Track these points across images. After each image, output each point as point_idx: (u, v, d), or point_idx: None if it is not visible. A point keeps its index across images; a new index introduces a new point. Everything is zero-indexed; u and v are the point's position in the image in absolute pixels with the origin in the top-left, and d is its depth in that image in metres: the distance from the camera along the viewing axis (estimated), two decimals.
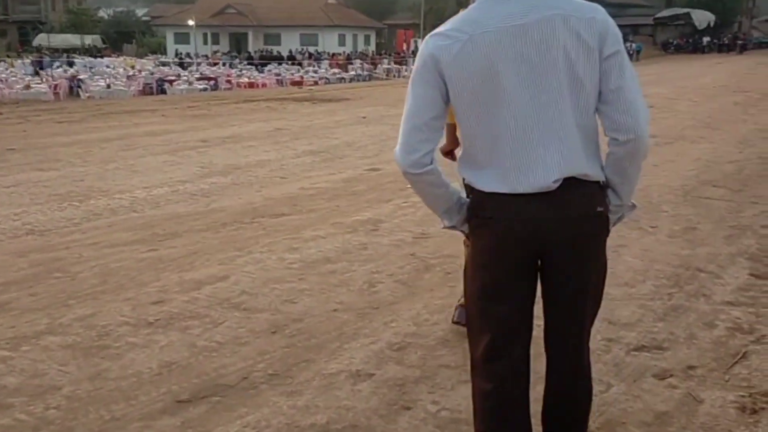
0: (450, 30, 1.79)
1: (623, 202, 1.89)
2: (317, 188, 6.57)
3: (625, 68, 1.78)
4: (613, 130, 1.78)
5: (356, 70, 35.86)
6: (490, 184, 1.79)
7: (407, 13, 67.06)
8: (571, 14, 1.74)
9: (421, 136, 1.80)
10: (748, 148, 8.48)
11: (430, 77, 1.78)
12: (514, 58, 1.73)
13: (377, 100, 17.00)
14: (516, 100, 1.75)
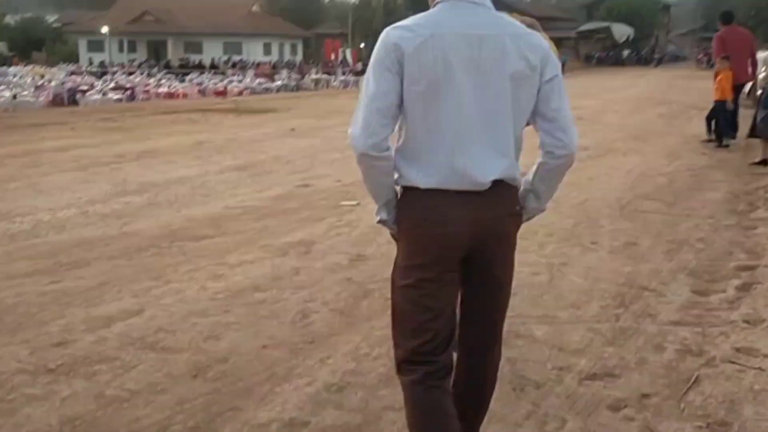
0: (413, 25, 1.91)
1: (541, 206, 2.11)
2: (244, 207, 6.26)
3: (562, 91, 1.99)
4: (551, 146, 1.98)
5: (283, 80, 35.38)
6: (426, 180, 1.89)
7: (335, 22, 66.96)
8: (521, 37, 1.94)
9: (383, 120, 1.87)
10: (676, 160, 8.64)
11: (393, 65, 1.87)
12: (469, 64, 1.88)
13: (306, 111, 16.73)
14: (464, 102, 1.88)
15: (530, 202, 2.08)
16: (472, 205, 1.90)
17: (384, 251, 4.79)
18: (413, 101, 1.89)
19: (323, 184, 7.33)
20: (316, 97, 23.64)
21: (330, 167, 8.38)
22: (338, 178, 7.62)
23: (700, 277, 4.37)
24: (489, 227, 1.94)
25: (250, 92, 29.05)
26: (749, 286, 4.20)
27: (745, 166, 8.38)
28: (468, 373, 2.12)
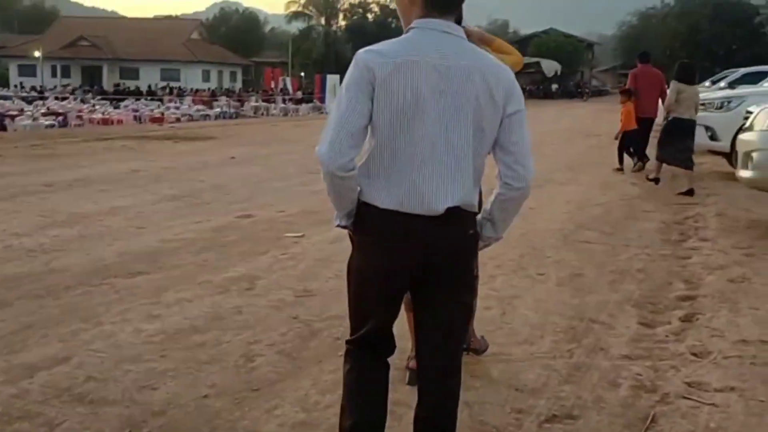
0: (385, 50, 1.93)
1: (497, 235, 2.13)
2: (181, 240, 5.91)
3: (523, 125, 2.00)
4: (510, 177, 1.99)
5: (222, 107, 34.76)
6: (385, 200, 1.93)
7: (275, 51, 66.75)
8: (487, 69, 1.95)
9: (352, 141, 1.89)
10: (610, 191, 8.72)
11: (365, 87, 1.89)
12: (436, 92, 1.91)
13: (246, 139, 16.36)
14: (429, 129, 1.91)
15: (487, 230, 2.10)
16: (425, 230, 1.93)
17: (331, 286, 4.55)
18: (379, 124, 1.92)
19: (265, 214, 7.03)
20: (256, 125, 23.25)
21: (272, 197, 8.08)
22: (281, 208, 7.34)
23: (644, 308, 4.29)
24: (440, 251, 1.97)
25: (188, 119, 28.35)
26: (692, 317, 4.13)
27: (673, 196, 8.50)
28: (427, 399, 2.11)
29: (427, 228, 1.93)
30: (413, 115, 1.90)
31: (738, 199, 8.14)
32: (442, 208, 1.92)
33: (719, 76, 19.12)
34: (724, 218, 6.99)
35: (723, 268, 5.13)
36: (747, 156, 6.11)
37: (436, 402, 2.10)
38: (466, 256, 2.07)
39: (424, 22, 1.97)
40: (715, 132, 9.73)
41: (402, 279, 2.02)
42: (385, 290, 2.04)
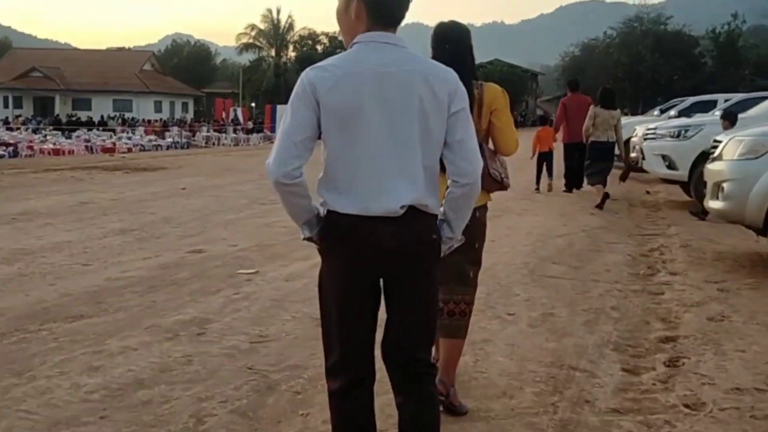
0: (328, 65, 2.02)
1: (455, 235, 2.15)
2: (128, 278, 5.43)
3: (468, 123, 2.06)
4: (455, 174, 2.05)
5: (174, 138, 34.06)
6: (345, 206, 1.98)
7: (226, 82, 66.19)
8: (430, 72, 2.02)
9: (295, 152, 1.96)
10: (570, 221, 8.52)
11: (308, 102, 1.97)
12: (378, 99, 1.97)
13: (198, 169, 15.81)
14: (375, 135, 1.98)
15: (445, 231, 2.13)
16: (385, 230, 1.98)
17: (288, 329, 4.16)
18: (329, 135, 1.99)
19: (217, 249, 6.58)
20: (207, 155, 22.68)
21: (224, 230, 7.63)
22: (234, 242, 6.90)
23: (624, 351, 4.00)
24: (401, 252, 2.01)
25: (140, 149, 27.66)
26: (677, 361, 3.85)
27: (634, 226, 8.37)
28: (408, 406, 2.13)
29: (386, 229, 1.98)
30: (358, 123, 1.97)
31: (700, 229, 8.05)
32: (396, 206, 1.97)
33: (668, 104, 19.39)
34: (689, 250, 6.83)
35: (699, 305, 4.90)
36: (717, 187, 5.96)
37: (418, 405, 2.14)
38: (429, 260, 2.08)
39: (367, 35, 2.05)
40: (673, 161, 9.67)
41: (368, 280, 2.06)
42: (354, 293, 2.05)
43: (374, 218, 1.98)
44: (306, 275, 5.47)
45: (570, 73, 56.58)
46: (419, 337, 2.13)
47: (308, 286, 5.13)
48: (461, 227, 2.15)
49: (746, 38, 41.52)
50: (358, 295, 2.05)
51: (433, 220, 2.08)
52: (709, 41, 41.58)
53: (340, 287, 2.06)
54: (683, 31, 44.45)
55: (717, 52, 40.38)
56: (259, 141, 37.23)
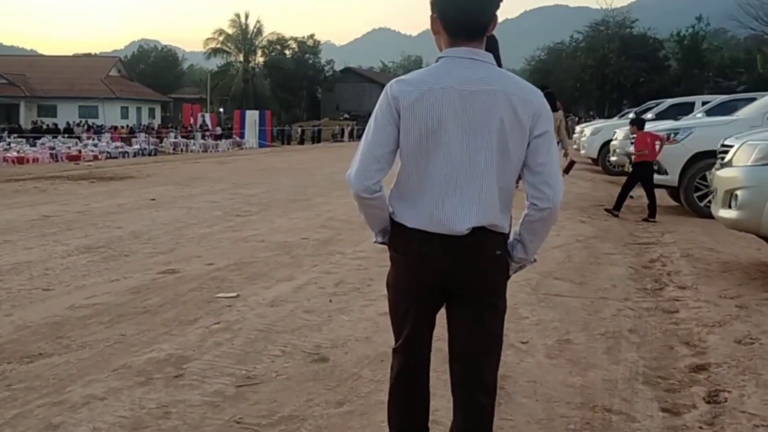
0: (413, 79, 2.01)
1: (528, 256, 2.12)
2: (94, 305, 4.82)
3: (551, 146, 2.02)
4: (535, 198, 2.00)
5: (141, 144, 33.11)
6: (413, 219, 2.01)
7: (193, 87, 65.15)
8: (513, 93, 1.97)
9: (378, 166, 1.99)
10: (562, 230, 8.08)
11: (391, 116, 1.98)
12: (459, 116, 1.96)
13: (167, 178, 15.09)
14: (452, 152, 1.97)
15: (518, 251, 2.10)
16: (450, 249, 1.97)
17: (279, 368, 3.62)
18: (407, 150, 1.99)
19: (192, 268, 5.99)
20: (176, 162, 21.86)
21: (198, 246, 7.03)
22: (209, 259, 6.31)
23: (657, 385, 3.55)
24: (465, 269, 2.00)
25: (106, 157, 26.76)
26: (717, 396, 3.41)
27: (627, 234, 7.99)
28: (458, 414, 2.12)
29: (451, 247, 1.98)
30: (437, 139, 1.96)
31: (695, 236, 7.70)
32: (462, 228, 1.96)
33: (644, 107, 19.20)
34: (692, 260, 6.44)
35: (722, 325, 4.49)
36: (729, 195, 5.56)
37: (466, 416, 2.10)
38: (493, 276, 2.07)
39: (451, 50, 2.01)
40: (662, 165, 9.33)
41: (428, 295, 2.09)
42: (415, 304, 2.11)
43: (439, 235, 1.98)
44: (291, 299, 4.93)
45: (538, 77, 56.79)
46: (479, 351, 2.09)
47: (295, 312, 4.60)
48: (536, 249, 2.13)
49: (710, 41, 41.93)
50: (417, 303, 2.10)
51: (499, 237, 2.05)
52: (674, 44, 41.89)
53: (404, 294, 2.12)
54: (648, 34, 44.73)
55: (682, 55, 40.70)
56: (228, 147, 36.43)
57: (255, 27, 60.11)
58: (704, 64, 39.09)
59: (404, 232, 2.03)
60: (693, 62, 39.37)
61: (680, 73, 40.34)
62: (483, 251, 2.00)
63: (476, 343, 2.07)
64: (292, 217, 9.06)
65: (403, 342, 2.16)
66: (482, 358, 2.09)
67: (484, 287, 2.05)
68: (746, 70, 34.58)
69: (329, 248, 6.86)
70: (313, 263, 6.15)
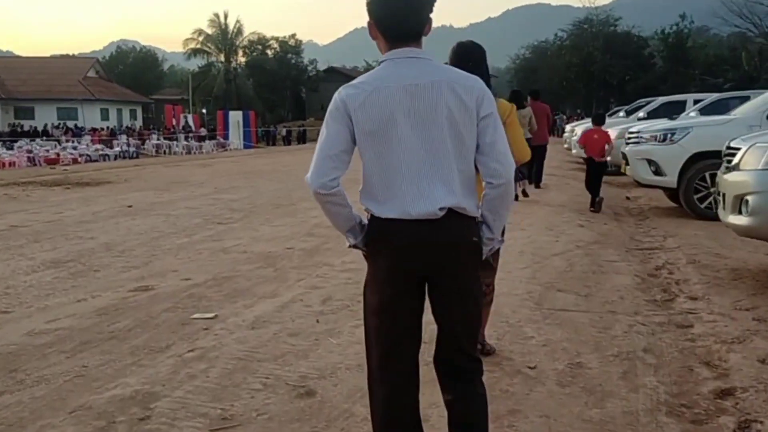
0: (359, 83, 2.11)
1: (494, 235, 2.21)
2: (56, 330, 4.39)
3: (497, 126, 2.14)
4: (488, 176, 2.12)
5: (122, 147, 32.44)
6: (385, 211, 2.08)
7: (175, 88, 64.36)
8: (456, 81, 2.09)
9: (331, 164, 2.07)
10: (561, 235, 7.74)
11: (341, 118, 2.08)
12: (408, 110, 2.06)
13: (146, 182, 14.60)
14: (408, 144, 2.06)
15: (485, 233, 2.18)
16: (424, 232, 2.06)
17: (259, 405, 3.22)
18: (365, 147, 2.09)
19: (167, 284, 5.55)
20: (157, 165, 21.34)
21: (176, 258, 6.59)
22: (186, 274, 5.89)
23: (682, 416, 3.17)
24: (441, 252, 2.08)
25: (86, 160, 26.15)
26: (749, 427, 3.05)
27: (629, 239, 7.66)
28: (450, 392, 2.21)
29: (427, 231, 2.05)
30: (391, 135, 2.06)
31: (699, 241, 7.37)
32: (434, 209, 2.04)
33: (634, 105, 18.92)
34: (700, 267, 6.09)
35: (741, 342, 4.13)
36: (739, 200, 5.22)
37: (459, 391, 2.19)
38: (470, 261, 2.14)
39: (392, 53, 2.12)
40: (660, 166, 8.99)
41: (411, 279, 2.11)
42: (398, 293, 2.11)
43: (415, 221, 2.05)
44: (275, 320, 4.52)
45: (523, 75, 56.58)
46: (464, 333, 2.18)
47: (279, 336, 4.19)
48: (500, 228, 2.21)
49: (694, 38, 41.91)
50: (401, 294, 2.11)
51: (472, 222, 2.14)
52: (658, 41, 41.81)
53: (384, 288, 2.12)
54: (632, 32, 44.64)
55: (667, 53, 40.61)
56: (212, 148, 35.85)
57: (235, 27, 59.46)
58: (690, 61, 39.01)
59: (378, 223, 2.10)
60: (678, 60, 39.27)
61: (666, 71, 40.22)
62: (458, 234, 2.09)
63: (462, 328, 2.18)
64: (276, 224, 8.64)
65: (387, 358, 2.15)
66: (469, 340, 2.21)
67: (462, 271, 2.13)
68: (732, 67, 34.50)
69: (316, 259, 6.45)
70: (298, 277, 5.73)
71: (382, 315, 2.12)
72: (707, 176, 8.70)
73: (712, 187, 8.72)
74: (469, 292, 2.15)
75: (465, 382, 2.18)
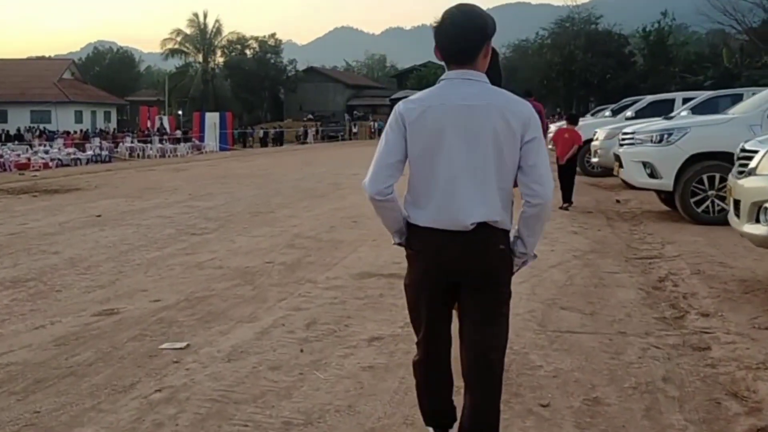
0: (416, 99, 2.38)
1: (528, 251, 2.41)
2: (7, 366, 3.92)
3: (540, 150, 2.31)
4: (528, 195, 2.31)
5: (95, 150, 31.63)
6: (423, 219, 2.32)
7: (151, 89, 63.38)
8: (505, 106, 2.30)
9: (388, 172, 2.32)
10: (556, 244, 7.36)
11: (399, 130, 2.34)
12: (458, 127, 2.28)
13: (117, 189, 14.03)
14: (453, 159, 2.28)
15: (518, 247, 2.40)
16: (458, 242, 2.27)
17: None
18: (415, 158, 2.33)
19: (135, 307, 5.08)
20: (130, 170, 20.72)
21: (145, 276, 6.11)
22: (156, 294, 5.42)
23: None
24: (472, 261, 2.29)
25: (57, 164, 25.41)
26: None
27: (626, 247, 7.31)
28: (469, 395, 2.41)
29: (458, 241, 2.27)
30: (439, 149, 2.28)
31: (700, 248, 7.04)
32: (468, 223, 2.25)
33: (621, 104, 18.65)
34: (706, 279, 5.75)
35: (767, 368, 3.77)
36: (757, 207, 4.87)
37: (475, 396, 2.39)
38: (498, 268, 2.35)
39: (449, 74, 2.37)
40: (655, 168, 8.66)
41: (440, 287, 2.36)
42: (428, 295, 2.38)
43: (448, 231, 2.28)
44: (254, 349, 4.08)
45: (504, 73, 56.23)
46: (490, 339, 2.37)
47: (259, 370, 3.75)
48: (534, 244, 2.41)
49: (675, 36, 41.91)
50: (432, 296, 2.38)
51: (501, 233, 2.34)
52: (640, 39, 41.74)
53: (416, 288, 2.42)
54: (614, 30, 44.54)
55: (648, 51, 40.54)
56: (187, 151, 35.12)
57: (214, 26, 58.62)
58: (670, 59, 39.01)
59: (417, 230, 2.34)
60: (659, 58, 39.24)
61: (647, 69, 40.17)
62: (488, 245, 2.29)
63: (484, 331, 2.36)
64: (255, 234, 8.17)
65: (423, 336, 2.45)
66: (488, 343, 2.37)
67: (489, 279, 2.32)
68: (712, 65, 34.46)
69: (297, 274, 6.01)
70: (279, 296, 5.29)
71: (415, 311, 2.44)
72: (705, 179, 8.40)
73: (710, 191, 8.43)
74: (496, 297, 2.35)
75: (483, 379, 2.37)
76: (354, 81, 71.37)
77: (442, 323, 2.43)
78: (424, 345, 2.47)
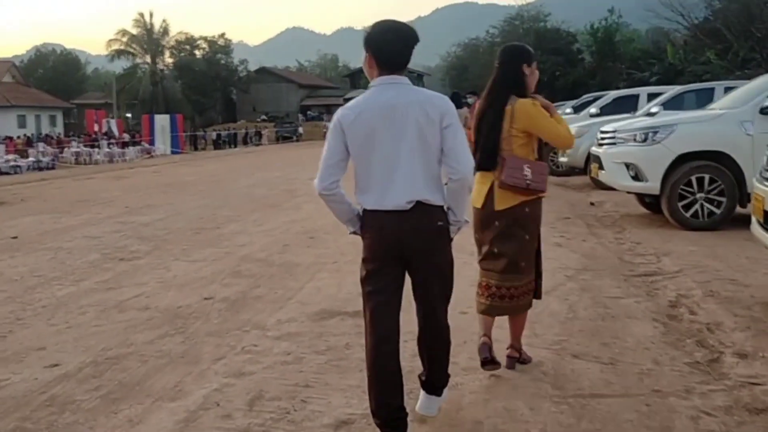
0: (351, 106, 2.71)
1: (459, 218, 2.79)
2: None
3: (456, 134, 2.69)
4: (450, 173, 2.68)
5: (37, 156, 29.46)
6: (369, 203, 2.70)
7: (99, 92, 60.68)
8: (424, 101, 2.68)
9: (332, 171, 2.69)
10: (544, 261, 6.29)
11: (338, 134, 2.68)
12: (386, 124, 2.65)
13: (46, 202, 12.44)
14: (384, 150, 2.65)
15: (451, 216, 2.77)
16: (399, 220, 2.65)
17: None
18: (356, 155, 2.68)
19: (21, 379, 3.78)
20: (67, 179, 18.95)
21: (48, 324, 4.77)
22: (56, 355, 4.17)
23: None
24: (413, 235, 2.66)
25: None
26: None
27: (618, 261, 6.30)
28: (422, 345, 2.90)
29: (400, 219, 2.65)
30: (373, 144, 2.65)
31: (700, 261, 6.08)
32: (402, 201, 2.63)
33: (582, 101, 17.83)
34: (723, 302, 4.76)
35: None
36: None
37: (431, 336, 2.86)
38: (438, 241, 2.73)
39: (379, 80, 2.71)
40: (640, 170, 7.68)
41: (390, 257, 2.69)
42: (379, 264, 2.70)
43: (390, 211, 2.65)
44: None
45: (455, 73, 55.58)
46: (437, 295, 2.78)
47: None
48: (462, 212, 2.79)
49: (622, 33, 41.68)
50: (382, 267, 2.69)
51: (438, 210, 2.72)
52: (588, 37, 41.36)
53: (370, 262, 2.71)
54: (562, 27, 44.12)
55: (596, 48, 40.19)
56: (136, 155, 33.18)
57: (161, 27, 56.15)
58: (617, 56, 38.74)
59: (366, 213, 2.72)
60: (607, 55, 38.94)
61: (595, 66, 39.83)
62: (426, 221, 2.67)
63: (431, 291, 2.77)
64: (194, 257, 6.88)
65: (372, 306, 2.71)
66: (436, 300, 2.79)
67: (431, 249, 2.71)
68: (657, 61, 34.20)
69: (242, 317, 4.77)
70: (216, 353, 4.05)
71: (369, 282, 2.72)
72: (693, 180, 7.46)
73: (698, 193, 7.50)
74: (439, 268, 2.75)
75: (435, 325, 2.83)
76: (307, 81, 69.94)
77: (390, 295, 2.71)
78: (372, 318, 2.70)
